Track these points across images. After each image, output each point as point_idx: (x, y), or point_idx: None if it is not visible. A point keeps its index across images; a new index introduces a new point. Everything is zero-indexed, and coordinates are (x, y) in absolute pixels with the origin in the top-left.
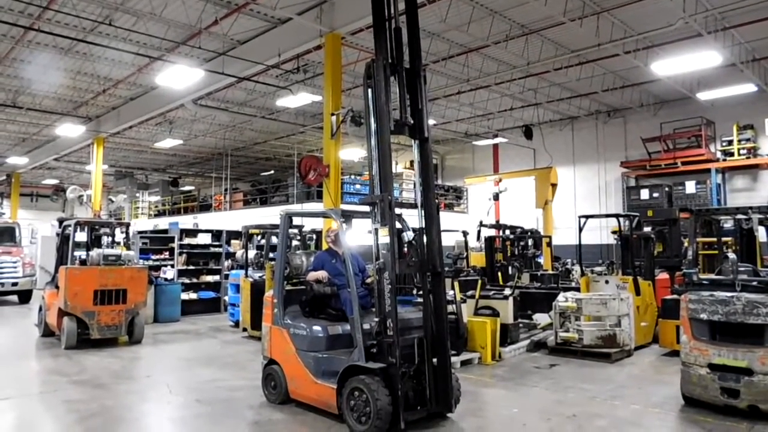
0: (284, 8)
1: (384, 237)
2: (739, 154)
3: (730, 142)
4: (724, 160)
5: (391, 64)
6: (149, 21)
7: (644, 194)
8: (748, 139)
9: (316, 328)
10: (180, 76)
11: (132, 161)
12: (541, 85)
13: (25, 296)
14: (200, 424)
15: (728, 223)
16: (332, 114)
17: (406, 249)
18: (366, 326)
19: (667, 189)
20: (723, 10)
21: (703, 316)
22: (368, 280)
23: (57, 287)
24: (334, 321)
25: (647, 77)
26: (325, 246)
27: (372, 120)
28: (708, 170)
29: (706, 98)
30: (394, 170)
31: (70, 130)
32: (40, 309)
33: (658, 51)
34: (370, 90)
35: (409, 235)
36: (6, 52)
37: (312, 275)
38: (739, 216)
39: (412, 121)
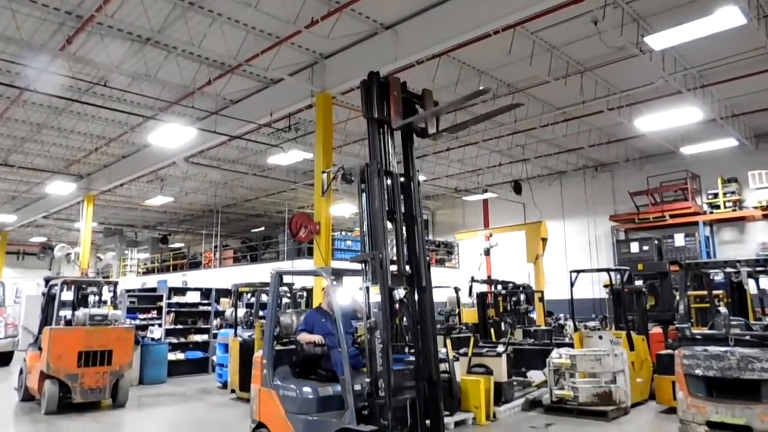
0: (276, 69)
1: (375, 295)
2: (725, 207)
3: (716, 195)
4: (711, 212)
5: (389, 212)
6: (144, 82)
7: (634, 247)
8: (733, 192)
9: (306, 389)
10: (173, 135)
11: (122, 218)
12: (529, 141)
13: (5, 358)
14: None
15: (719, 276)
16: (323, 172)
17: (397, 306)
18: (357, 387)
19: (656, 242)
20: (701, 69)
21: (699, 371)
22: (359, 340)
23: (40, 349)
24: (325, 382)
25: (632, 133)
26: (316, 304)
27: (365, 222)
28: (696, 223)
29: (690, 152)
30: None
31: (60, 188)
32: (21, 372)
33: (640, 108)
34: (364, 195)
35: (399, 293)
36: (0, 111)
37: (306, 338)
38: (728, 269)
39: (409, 271)
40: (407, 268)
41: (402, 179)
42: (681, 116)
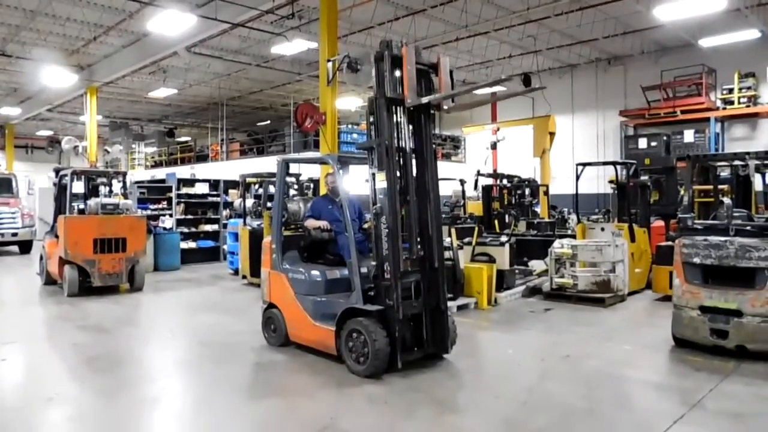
0: None
1: (381, 182)
2: (740, 103)
3: (731, 91)
4: (724, 108)
5: (401, 191)
6: None
7: (642, 143)
8: (749, 87)
9: (315, 272)
10: (172, 22)
11: (127, 112)
12: (541, 31)
13: (25, 247)
14: (203, 365)
15: (725, 172)
16: (328, 60)
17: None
18: (363, 270)
19: (665, 138)
20: None
21: (696, 260)
22: (365, 225)
23: (57, 236)
24: (332, 265)
25: (649, 23)
26: (323, 191)
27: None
28: (707, 119)
29: (709, 45)
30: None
31: (61, 79)
32: (41, 258)
33: None
34: (373, 127)
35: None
36: None
37: (312, 223)
38: (737, 162)
39: (422, 253)
40: (420, 250)
41: (415, 155)
42: (703, 4)
